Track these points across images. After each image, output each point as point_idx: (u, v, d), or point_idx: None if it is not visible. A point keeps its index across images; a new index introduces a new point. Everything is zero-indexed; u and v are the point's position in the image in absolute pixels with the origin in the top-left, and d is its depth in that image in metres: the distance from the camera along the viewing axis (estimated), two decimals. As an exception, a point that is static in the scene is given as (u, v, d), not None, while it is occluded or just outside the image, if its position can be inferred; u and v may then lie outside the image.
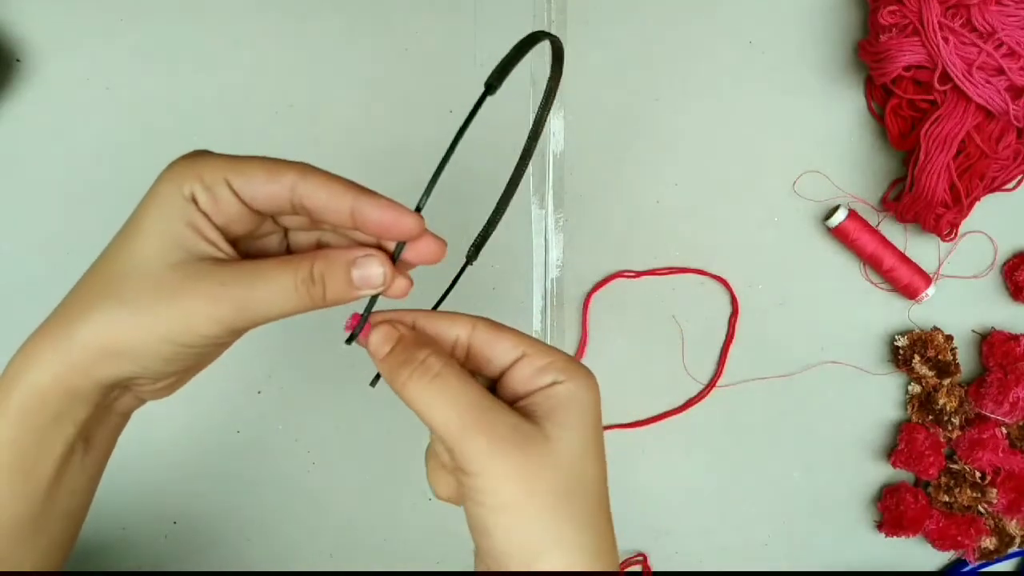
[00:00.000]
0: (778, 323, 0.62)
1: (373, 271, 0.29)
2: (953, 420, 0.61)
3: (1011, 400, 0.60)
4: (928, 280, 0.61)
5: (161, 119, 0.57)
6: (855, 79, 0.61)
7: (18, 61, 0.55)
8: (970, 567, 0.65)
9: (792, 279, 0.62)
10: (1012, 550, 0.63)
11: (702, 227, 0.61)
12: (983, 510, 0.62)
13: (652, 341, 0.62)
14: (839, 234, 0.61)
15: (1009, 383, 0.60)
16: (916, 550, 0.66)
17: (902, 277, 0.61)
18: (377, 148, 0.58)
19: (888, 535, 0.63)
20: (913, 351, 0.61)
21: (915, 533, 0.63)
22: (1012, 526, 0.63)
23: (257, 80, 0.58)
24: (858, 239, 0.60)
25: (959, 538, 0.62)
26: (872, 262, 0.61)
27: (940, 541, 0.63)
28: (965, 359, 0.63)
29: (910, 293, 0.61)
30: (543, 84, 0.32)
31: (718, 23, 0.60)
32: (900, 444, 0.62)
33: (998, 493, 0.61)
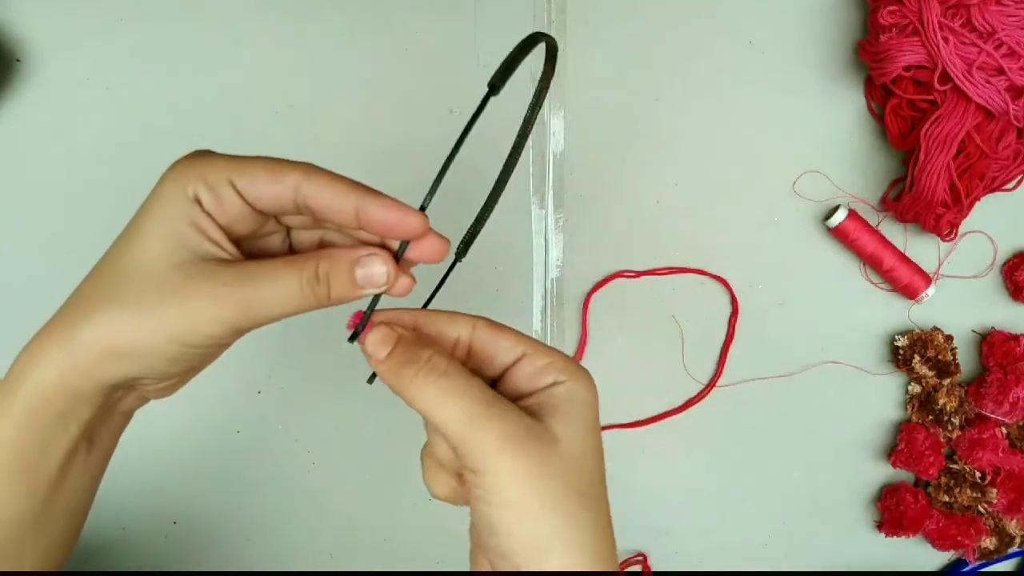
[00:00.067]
0: (778, 323, 0.62)
1: (376, 270, 0.29)
2: (953, 420, 0.61)
3: (1011, 400, 0.60)
4: (928, 280, 0.61)
5: (161, 119, 0.57)
6: (855, 79, 0.61)
7: (18, 61, 0.55)
8: (970, 567, 0.65)
9: (792, 279, 0.62)
10: (1012, 550, 0.63)
11: (702, 227, 0.61)
12: (983, 510, 0.62)
13: (652, 341, 0.62)
14: (839, 234, 0.61)
15: (1009, 383, 0.60)
16: (916, 550, 0.66)
17: (902, 277, 0.61)
18: (377, 148, 0.58)
19: (888, 535, 0.63)
20: (913, 351, 0.61)
21: (915, 533, 0.63)
22: (1012, 526, 0.63)
23: (257, 80, 0.58)
24: (858, 239, 0.60)
25: (959, 538, 0.62)
26: (872, 262, 0.61)
27: (940, 541, 0.63)
28: (965, 359, 0.63)
29: (910, 293, 0.61)
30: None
31: (718, 23, 0.60)
32: (900, 444, 0.62)
33: (998, 493, 0.61)
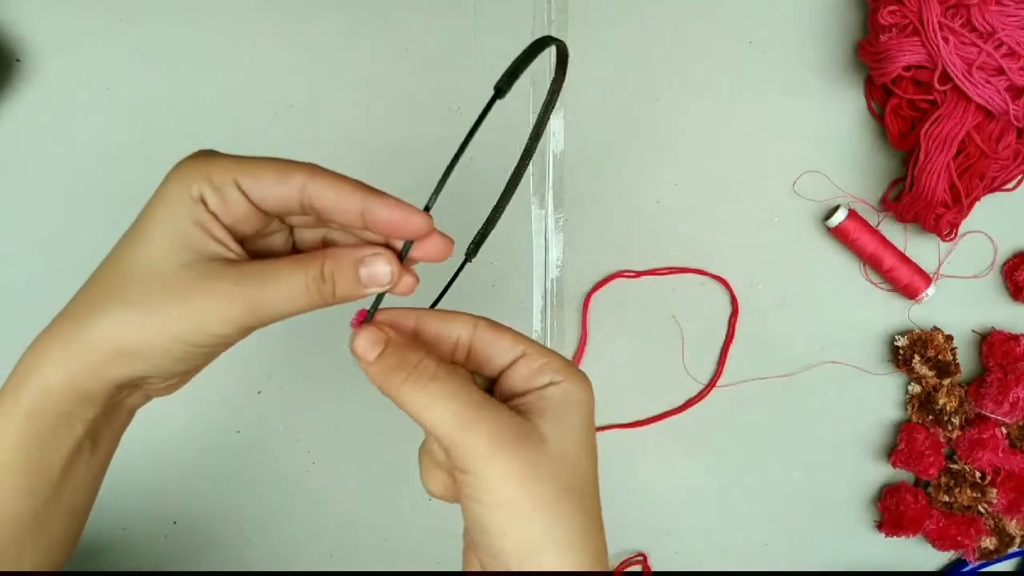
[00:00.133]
0: (778, 323, 0.62)
1: (381, 269, 0.30)
2: (953, 420, 0.61)
3: (1011, 400, 0.60)
4: (928, 280, 0.61)
5: (161, 119, 0.57)
6: (855, 79, 0.61)
7: (18, 61, 0.55)
8: (970, 567, 0.65)
9: (792, 279, 0.62)
10: (1012, 550, 0.63)
11: (702, 227, 0.61)
12: (983, 510, 0.62)
13: (652, 341, 0.62)
14: (839, 234, 0.61)
15: (1009, 383, 0.60)
16: (916, 550, 0.66)
17: (902, 277, 0.61)
18: (377, 148, 0.58)
19: (888, 535, 0.63)
20: (913, 351, 0.61)
21: (915, 533, 0.63)
22: (1012, 526, 0.63)
23: (257, 80, 0.58)
24: (858, 239, 0.60)
25: (959, 538, 0.62)
26: (872, 262, 0.61)
27: (940, 541, 0.63)
28: (965, 359, 0.63)
29: (910, 293, 0.61)
30: (544, 85, 0.32)
31: (718, 23, 0.60)
32: (900, 444, 0.62)
33: (998, 493, 0.61)
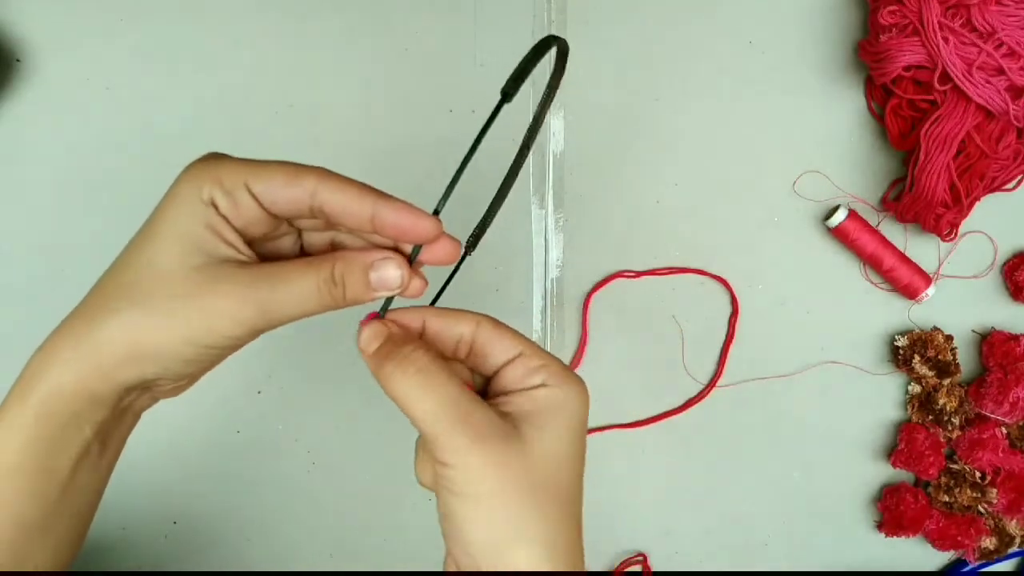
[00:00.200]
0: (778, 323, 0.62)
1: (391, 274, 0.30)
2: (953, 420, 0.61)
3: (1011, 400, 0.60)
4: (928, 280, 0.61)
5: (161, 119, 0.57)
6: (855, 79, 0.61)
7: (18, 61, 0.55)
8: (970, 567, 0.65)
9: (792, 279, 0.62)
10: (1012, 550, 0.63)
11: (702, 227, 0.61)
12: (983, 510, 0.62)
13: (652, 341, 0.62)
14: (839, 234, 0.61)
15: (1009, 383, 0.60)
16: (916, 550, 0.66)
17: (902, 277, 0.61)
18: (377, 148, 0.58)
19: (888, 535, 0.63)
20: (913, 351, 0.61)
21: (915, 533, 0.63)
22: (1012, 526, 0.63)
23: (257, 80, 0.58)
24: (858, 239, 0.60)
25: (959, 538, 0.62)
26: (872, 262, 0.61)
27: (940, 541, 0.63)
28: (965, 359, 0.63)
29: (910, 293, 0.61)
30: (542, 87, 0.32)
31: (718, 23, 0.60)
32: (900, 444, 0.62)
33: (998, 493, 0.61)
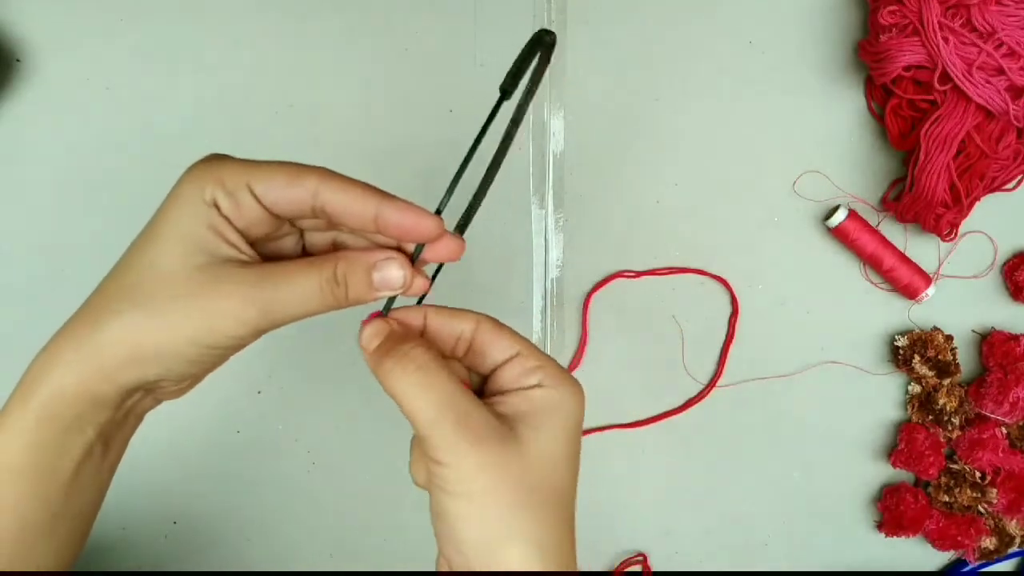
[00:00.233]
0: (778, 323, 0.62)
1: (393, 274, 0.30)
2: (953, 420, 0.61)
3: (1011, 400, 0.60)
4: (928, 280, 0.61)
5: (161, 119, 0.57)
6: (855, 79, 0.61)
7: (18, 61, 0.55)
8: (970, 567, 0.65)
9: (792, 279, 0.62)
10: (1012, 550, 0.63)
11: (702, 227, 0.61)
12: (983, 510, 0.62)
13: (652, 341, 0.62)
14: (839, 234, 0.61)
15: (1009, 383, 0.60)
16: (916, 550, 0.66)
17: (902, 277, 0.61)
18: (377, 148, 0.58)
19: (888, 535, 0.63)
20: (913, 351, 0.61)
21: (915, 533, 0.63)
22: (1012, 526, 0.63)
23: (257, 80, 0.58)
24: (858, 239, 0.60)
25: (959, 538, 0.62)
26: (872, 262, 0.61)
27: (940, 541, 0.63)
28: (965, 359, 0.63)
29: (910, 293, 0.61)
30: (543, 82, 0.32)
31: (718, 23, 0.60)
32: (900, 444, 0.62)
33: (998, 493, 0.61)
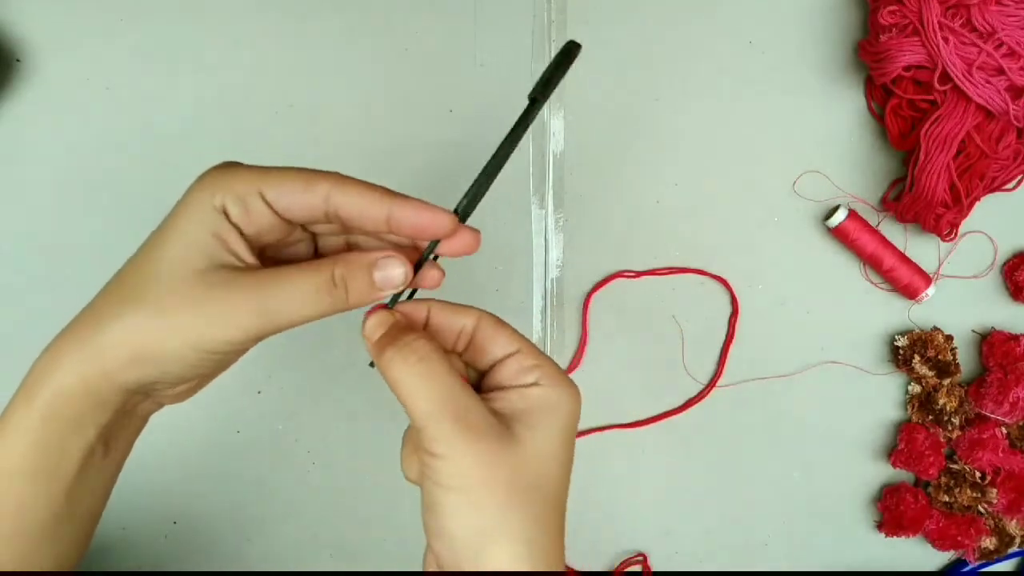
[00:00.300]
0: (778, 323, 0.62)
1: (395, 271, 0.30)
2: (953, 420, 0.61)
3: (1011, 400, 0.60)
4: (928, 280, 0.61)
5: (161, 119, 0.57)
6: (855, 79, 0.61)
7: (18, 61, 0.55)
8: (970, 567, 0.65)
9: (792, 279, 0.62)
10: (1012, 550, 0.63)
11: (702, 227, 0.61)
12: (983, 510, 0.62)
13: (652, 341, 0.62)
14: (839, 234, 0.61)
15: (1009, 383, 0.60)
16: (916, 550, 0.66)
17: (902, 277, 0.61)
18: (377, 148, 0.58)
19: (888, 535, 0.63)
20: (913, 351, 0.61)
21: (915, 533, 0.63)
22: (1012, 526, 0.63)
23: (257, 80, 0.58)
24: (858, 239, 0.60)
25: (959, 538, 0.62)
26: (872, 262, 0.61)
27: (940, 541, 0.63)
28: (965, 359, 0.63)
29: (910, 293, 0.61)
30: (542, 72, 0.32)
31: (718, 23, 0.60)
32: (900, 444, 0.62)
33: (998, 493, 0.61)
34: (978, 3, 0.52)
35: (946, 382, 0.61)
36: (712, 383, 0.62)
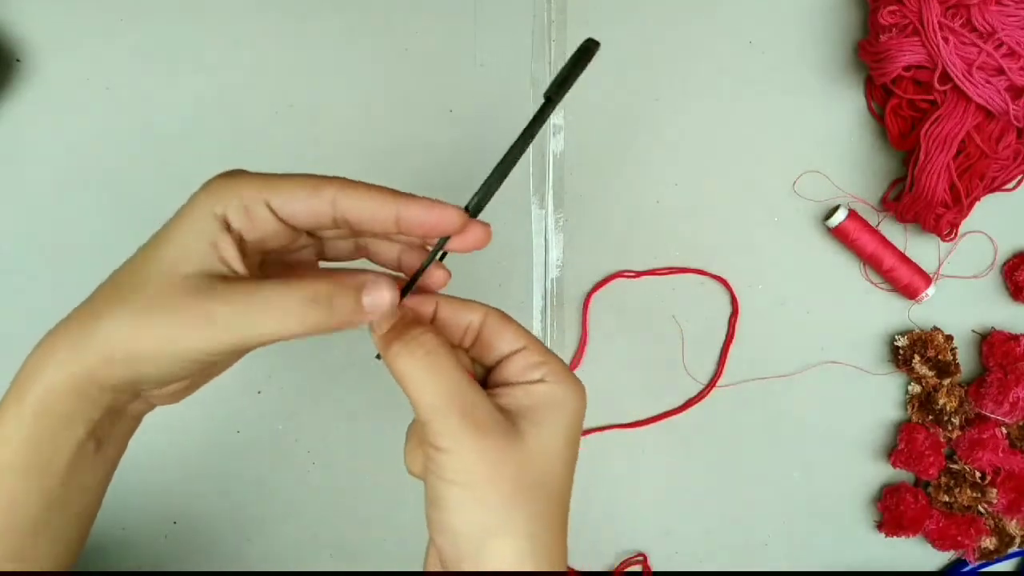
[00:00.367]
0: (778, 323, 0.62)
1: (383, 296, 0.29)
2: (953, 420, 0.61)
3: (1011, 400, 0.60)
4: (928, 280, 0.61)
5: (161, 119, 0.57)
6: (855, 79, 0.61)
7: (18, 61, 0.55)
8: (970, 567, 0.65)
9: (792, 279, 0.62)
10: (1012, 550, 0.63)
11: (702, 227, 0.61)
12: (983, 510, 0.62)
13: (652, 341, 0.62)
14: (839, 234, 0.61)
15: (1009, 383, 0.60)
16: (916, 550, 0.66)
17: (902, 277, 0.61)
18: (377, 148, 0.58)
19: (888, 535, 0.63)
20: (913, 351, 0.61)
21: (915, 533, 0.63)
22: (1012, 526, 0.63)
23: (257, 80, 0.58)
24: (858, 239, 0.60)
25: (959, 538, 0.62)
26: (872, 262, 0.61)
27: (940, 541, 0.63)
28: (965, 359, 0.63)
29: (910, 293, 0.61)
30: (542, 88, 0.32)
31: (718, 23, 0.60)
32: (900, 444, 0.62)
33: (998, 493, 0.61)
34: (978, 3, 0.52)
35: (946, 382, 0.61)
36: (712, 383, 0.62)
